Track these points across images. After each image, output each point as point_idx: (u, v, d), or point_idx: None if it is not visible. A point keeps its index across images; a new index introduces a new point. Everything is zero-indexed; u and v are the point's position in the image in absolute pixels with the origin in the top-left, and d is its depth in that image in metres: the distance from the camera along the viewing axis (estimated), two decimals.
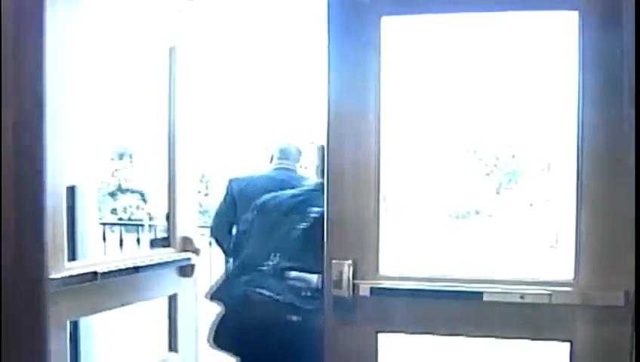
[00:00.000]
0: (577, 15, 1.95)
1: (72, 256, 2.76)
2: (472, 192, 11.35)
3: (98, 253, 3.80)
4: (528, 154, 10.73)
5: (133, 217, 12.12)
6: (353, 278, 2.07)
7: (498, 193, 11.54)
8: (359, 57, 2.08)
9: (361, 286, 2.07)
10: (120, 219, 11.99)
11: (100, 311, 2.68)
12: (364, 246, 2.09)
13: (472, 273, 2.13)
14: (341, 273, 2.07)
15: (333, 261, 2.08)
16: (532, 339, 2.08)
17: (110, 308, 2.64)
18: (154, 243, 2.99)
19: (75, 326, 3.05)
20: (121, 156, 12.60)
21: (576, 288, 1.96)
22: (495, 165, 11.09)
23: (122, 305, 2.64)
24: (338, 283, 2.08)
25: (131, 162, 12.51)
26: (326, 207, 2.12)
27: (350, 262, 2.07)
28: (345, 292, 2.07)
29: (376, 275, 2.09)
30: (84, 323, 3.16)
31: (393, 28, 2.10)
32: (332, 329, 2.12)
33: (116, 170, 12.47)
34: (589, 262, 1.96)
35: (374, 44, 2.07)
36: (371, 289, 2.07)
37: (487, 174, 11.27)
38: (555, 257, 6.13)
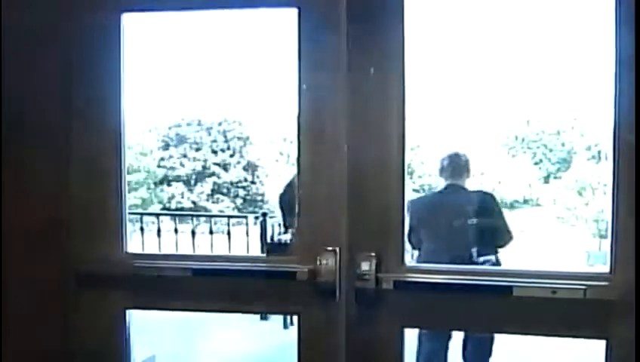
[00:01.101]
0: None
1: None
2: (520, 181, 11.10)
3: None
4: (578, 143, 10.43)
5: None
6: (377, 271, 1.99)
7: (547, 182, 11.27)
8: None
9: (384, 279, 1.99)
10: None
11: None
12: (388, 238, 2.01)
13: (506, 265, 2.02)
14: (365, 265, 1.99)
15: (357, 253, 2.01)
16: (565, 337, 1.96)
17: None
18: None
19: None
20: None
21: (613, 282, 1.84)
22: (544, 154, 10.81)
23: None
24: (362, 276, 2.00)
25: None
26: (347, 201, 2.04)
27: (374, 254, 2.00)
28: (369, 285, 1.99)
29: (401, 268, 2.00)
30: None
31: None
32: (356, 323, 2.05)
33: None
34: (627, 256, 1.83)
35: None
36: (395, 282, 1.98)
37: (536, 163, 11.00)
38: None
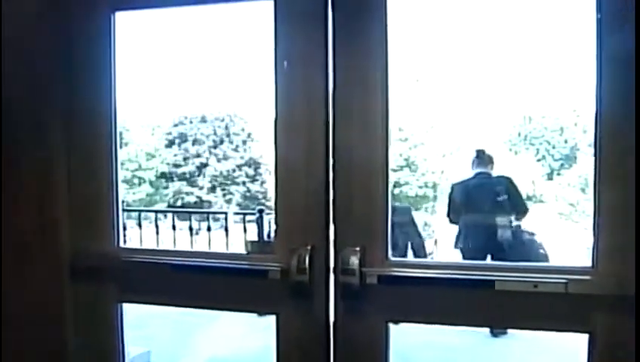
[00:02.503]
0: None
1: None
2: (524, 178, 11.08)
3: None
4: (581, 140, 10.43)
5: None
6: (361, 266, 2.00)
7: (550, 179, 11.26)
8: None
9: (368, 274, 2.00)
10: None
11: None
12: (372, 232, 2.02)
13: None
14: (350, 260, 2.00)
15: (342, 248, 2.02)
16: (548, 330, 1.97)
17: None
18: None
19: None
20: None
21: (595, 276, 1.84)
22: (547, 150, 10.80)
23: None
24: (346, 271, 2.01)
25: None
26: (333, 194, 2.05)
27: (358, 248, 2.00)
28: (353, 279, 2.00)
29: (385, 263, 2.01)
30: None
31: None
32: (341, 317, 2.06)
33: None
34: (609, 249, 1.83)
35: None
36: (379, 277, 1.99)
37: (539, 160, 10.99)
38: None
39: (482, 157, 6.45)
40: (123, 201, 2.39)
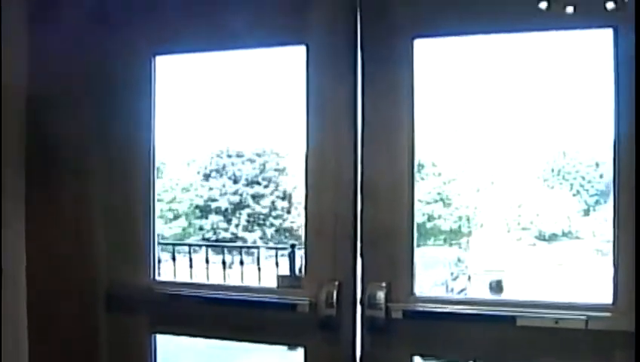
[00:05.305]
0: None
1: None
2: (559, 214, 10.97)
3: None
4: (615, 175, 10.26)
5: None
6: (387, 301, 2.06)
7: (587, 215, 11.11)
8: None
9: (394, 308, 2.06)
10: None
11: None
12: (398, 268, 2.08)
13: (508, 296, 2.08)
14: (376, 295, 2.07)
15: (369, 283, 2.09)
16: None
17: None
18: None
19: None
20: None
21: (615, 313, 1.88)
22: (581, 185, 10.69)
23: None
24: (373, 305, 2.07)
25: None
26: (361, 229, 2.12)
27: (384, 284, 2.07)
28: (379, 314, 2.06)
29: (410, 298, 2.07)
30: None
31: None
32: (367, 351, 2.11)
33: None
34: (628, 286, 1.86)
35: None
36: (404, 311, 2.05)
37: (574, 195, 10.87)
38: None
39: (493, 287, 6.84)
40: (158, 234, 2.49)
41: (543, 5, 1.92)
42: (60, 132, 2.37)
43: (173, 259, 5.09)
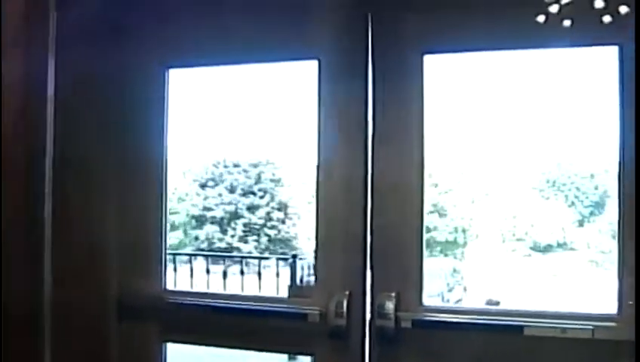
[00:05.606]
0: None
1: None
2: (554, 225, 11.02)
3: None
4: (612, 186, 10.33)
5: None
6: (396, 310, 2.10)
7: (582, 226, 11.16)
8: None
9: (403, 318, 2.10)
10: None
11: None
12: (407, 278, 2.13)
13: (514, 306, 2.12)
14: (385, 305, 2.11)
15: (379, 293, 2.13)
16: None
17: None
18: None
19: None
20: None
21: (621, 323, 1.93)
22: (576, 197, 10.75)
23: None
24: (382, 315, 2.11)
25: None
26: (371, 239, 2.17)
27: (394, 294, 2.11)
28: (389, 324, 2.10)
29: (419, 307, 2.11)
30: None
31: None
32: (376, 359, 2.15)
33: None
34: (634, 296, 1.91)
35: None
36: (413, 321, 2.09)
37: (569, 206, 10.93)
38: None
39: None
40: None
41: (541, 19, 1.96)
42: (73, 142, 2.40)
43: (174, 269, 5.11)
